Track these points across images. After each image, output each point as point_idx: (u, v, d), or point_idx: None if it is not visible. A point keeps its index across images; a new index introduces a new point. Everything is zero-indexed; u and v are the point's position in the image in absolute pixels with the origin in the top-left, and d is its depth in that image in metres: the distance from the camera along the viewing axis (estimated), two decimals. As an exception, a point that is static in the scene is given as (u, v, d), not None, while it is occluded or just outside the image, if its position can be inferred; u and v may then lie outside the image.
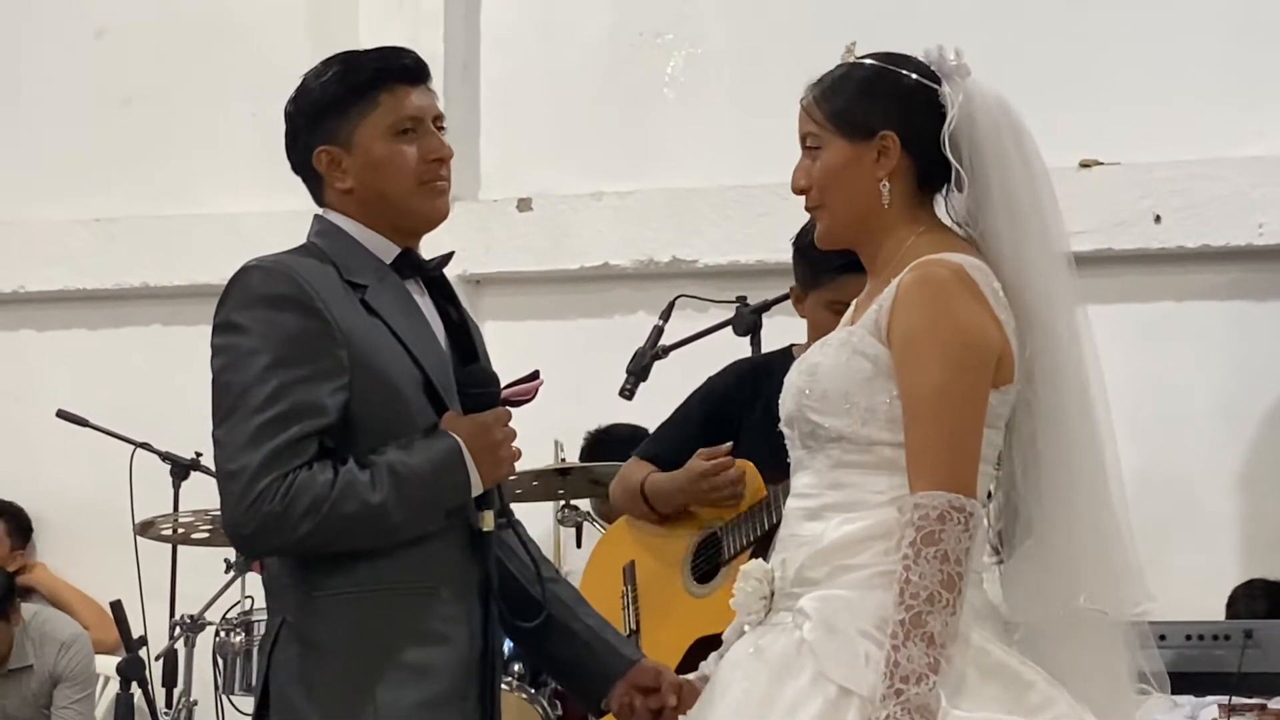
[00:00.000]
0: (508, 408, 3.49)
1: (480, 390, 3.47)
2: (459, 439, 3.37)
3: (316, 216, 3.55)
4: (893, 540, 3.10)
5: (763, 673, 3.15)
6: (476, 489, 3.38)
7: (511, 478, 3.52)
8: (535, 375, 3.67)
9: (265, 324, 3.33)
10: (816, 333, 4.48)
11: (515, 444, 3.48)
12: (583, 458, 6.66)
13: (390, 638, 3.33)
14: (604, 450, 6.53)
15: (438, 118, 3.54)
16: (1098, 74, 7.06)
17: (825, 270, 4.44)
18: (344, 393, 3.32)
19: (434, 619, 3.37)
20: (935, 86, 3.25)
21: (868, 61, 3.32)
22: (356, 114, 3.47)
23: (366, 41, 7.43)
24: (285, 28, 7.86)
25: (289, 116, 3.55)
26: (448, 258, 3.59)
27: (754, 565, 3.28)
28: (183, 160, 7.91)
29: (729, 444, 4.67)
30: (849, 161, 3.26)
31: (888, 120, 3.25)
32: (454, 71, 7.43)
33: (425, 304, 3.53)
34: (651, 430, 5.79)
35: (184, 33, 7.99)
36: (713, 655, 3.52)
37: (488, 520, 3.43)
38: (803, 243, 4.55)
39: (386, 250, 3.49)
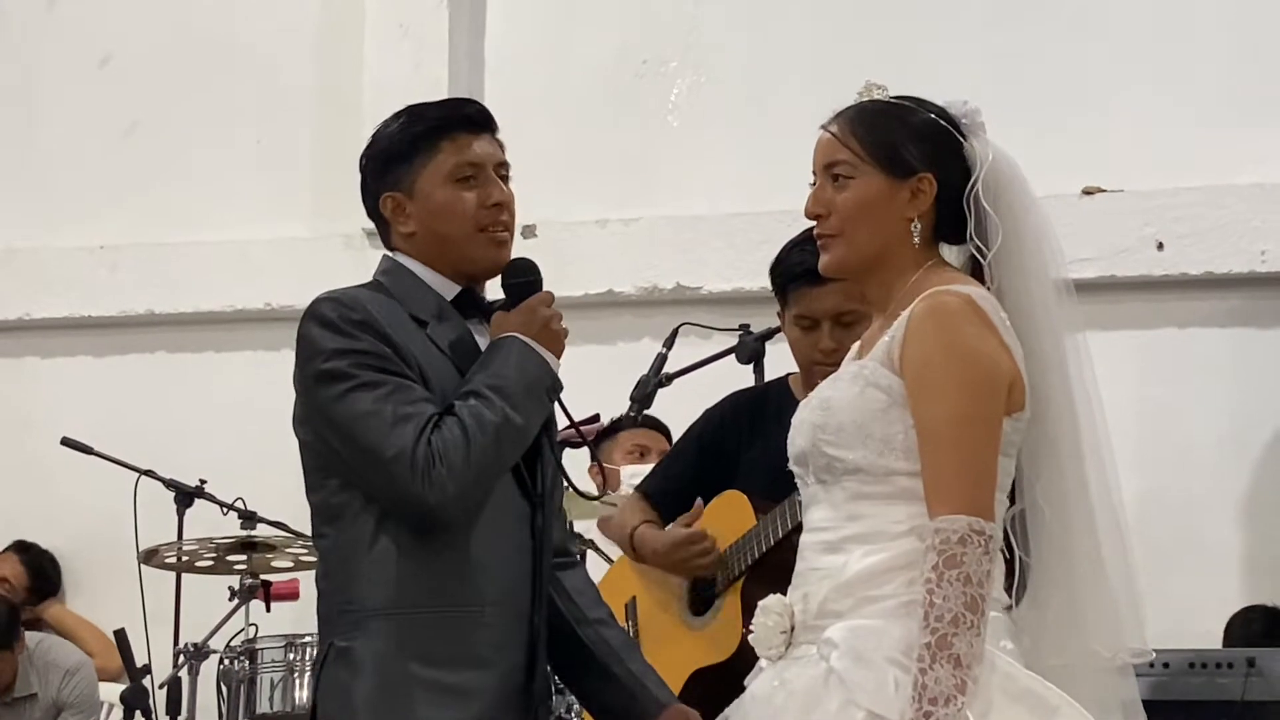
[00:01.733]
0: (550, 291, 3.68)
1: (522, 280, 3.67)
2: (514, 333, 3.57)
3: (384, 256, 3.72)
4: (916, 570, 3.12)
5: (789, 705, 3.17)
6: (555, 365, 3.60)
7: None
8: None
9: (351, 343, 3.49)
10: (795, 352, 4.49)
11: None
12: (599, 439, 6.61)
13: (431, 658, 3.44)
14: (622, 425, 6.51)
15: (500, 165, 3.70)
16: (1100, 102, 7.06)
17: (788, 283, 4.45)
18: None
19: (476, 642, 3.48)
20: (962, 140, 3.30)
21: (903, 101, 3.35)
22: (420, 162, 3.64)
23: (371, 69, 7.47)
24: (291, 55, 7.86)
25: (361, 166, 3.72)
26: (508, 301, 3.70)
27: (773, 600, 3.29)
28: (188, 187, 7.90)
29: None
30: (883, 196, 3.29)
31: (927, 162, 3.29)
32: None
33: (485, 343, 3.64)
34: (665, 420, 5.80)
35: (189, 60, 7.99)
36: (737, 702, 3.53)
37: None
38: (772, 266, 4.57)
39: (448, 289, 3.66)
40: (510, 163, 3.74)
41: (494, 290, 3.73)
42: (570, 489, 3.79)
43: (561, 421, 3.76)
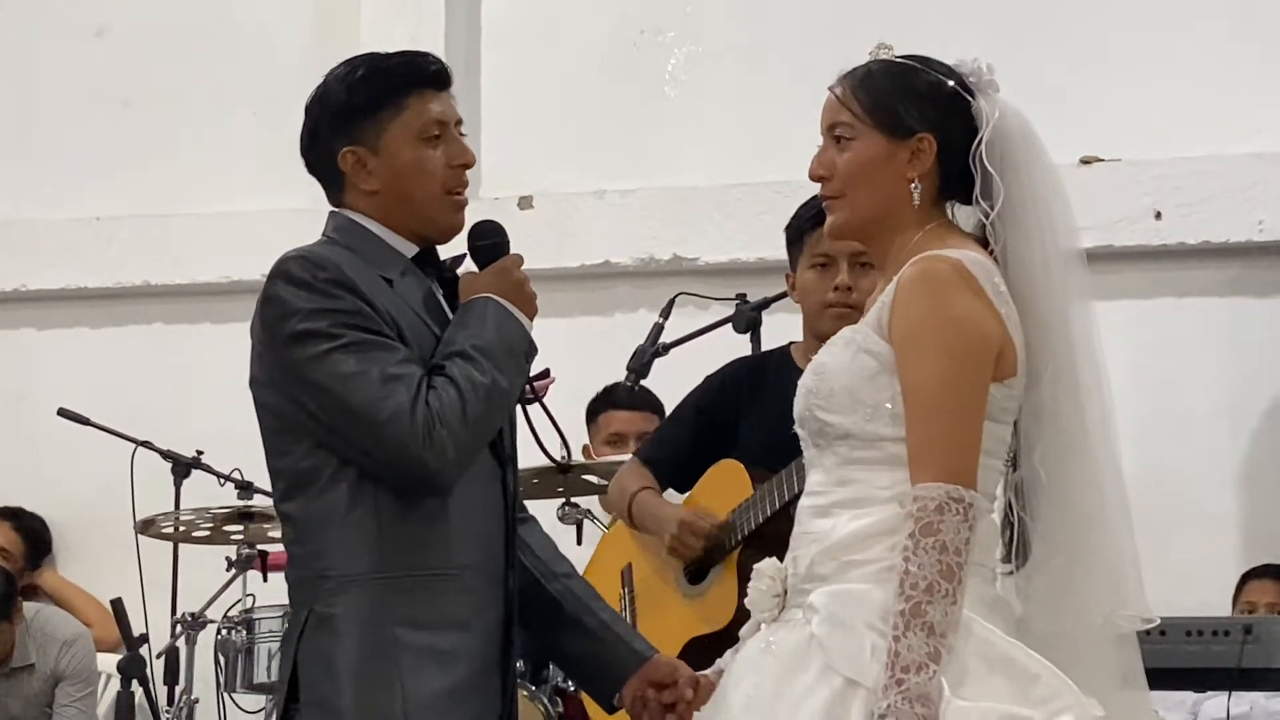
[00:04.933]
0: (519, 253, 3.61)
1: (489, 241, 3.61)
2: (487, 294, 3.51)
3: (332, 213, 3.63)
4: (900, 535, 3.11)
5: (772, 667, 3.18)
6: (529, 327, 3.54)
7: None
8: (546, 373, 3.74)
9: (329, 302, 3.40)
10: (807, 299, 4.49)
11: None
12: (589, 415, 6.64)
13: (414, 622, 3.40)
14: (600, 406, 6.52)
15: (459, 123, 3.63)
16: (1099, 70, 7.06)
17: (806, 225, 4.49)
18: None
19: (458, 605, 3.44)
20: (969, 99, 3.28)
21: (908, 61, 3.33)
22: (386, 117, 3.54)
23: (368, 40, 7.44)
24: (287, 26, 7.86)
25: (311, 115, 3.61)
26: (461, 259, 3.65)
27: (767, 564, 3.30)
28: (185, 159, 7.90)
29: (716, 520, 4.66)
30: (882, 157, 3.28)
31: (927, 122, 3.27)
32: (455, 69, 7.26)
33: (445, 304, 3.61)
34: (662, 390, 5.81)
35: (186, 31, 7.98)
36: (729, 652, 3.52)
37: None
38: (787, 225, 4.60)
39: (406, 249, 3.58)
40: (505, 133, 3.70)
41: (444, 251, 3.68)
42: (544, 454, 3.74)
43: None
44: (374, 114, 3.54)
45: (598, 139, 7.55)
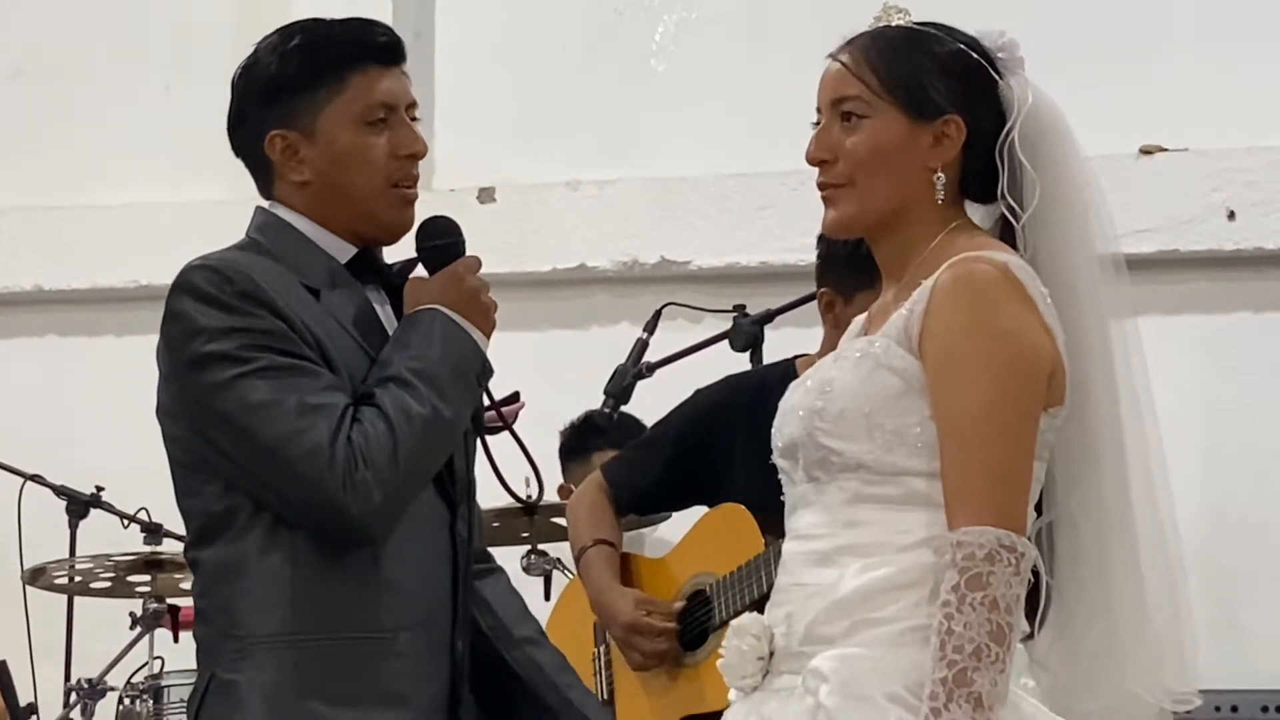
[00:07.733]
0: (475, 255, 3.62)
1: (442, 241, 3.62)
2: (434, 305, 3.52)
3: (259, 209, 3.65)
4: (926, 589, 3.09)
5: None
6: (483, 344, 3.56)
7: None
8: (515, 397, 3.74)
9: (238, 319, 3.42)
10: None
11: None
12: (566, 456, 6.64)
13: (333, 695, 3.40)
14: (594, 442, 6.51)
15: (411, 106, 3.65)
16: (1160, 45, 7.07)
17: None
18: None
19: (391, 676, 3.43)
20: (997, 78, 3.27)
21: (928, 28, 3.32)
22: (322, 96, 3.57)
23: (299, 6, 7.44)
24: (206, -12, 7.87)
25: (237, 91, 3.64)
26: (413, 263, 3.67)
27: (749, 620, 3.24)
28: (84, 142, 7.90)
29: (677, 606, 4.65)
30: (903, 140, 3.26)
31: (955, 102, 3.26)
32: (404, 39, 7.42)
33: (386, 314, 3.62)
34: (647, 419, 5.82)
35: (85, -8, 7.99)
36: None
37: None
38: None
39: (342, 251, 3.60)
40: (462, 114, 3.72)
41: (391, 253, 3.71)
42: (509, 492, 3.74)
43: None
44: (308, 91, 3.57)
45: (571, 121, 7.56)
